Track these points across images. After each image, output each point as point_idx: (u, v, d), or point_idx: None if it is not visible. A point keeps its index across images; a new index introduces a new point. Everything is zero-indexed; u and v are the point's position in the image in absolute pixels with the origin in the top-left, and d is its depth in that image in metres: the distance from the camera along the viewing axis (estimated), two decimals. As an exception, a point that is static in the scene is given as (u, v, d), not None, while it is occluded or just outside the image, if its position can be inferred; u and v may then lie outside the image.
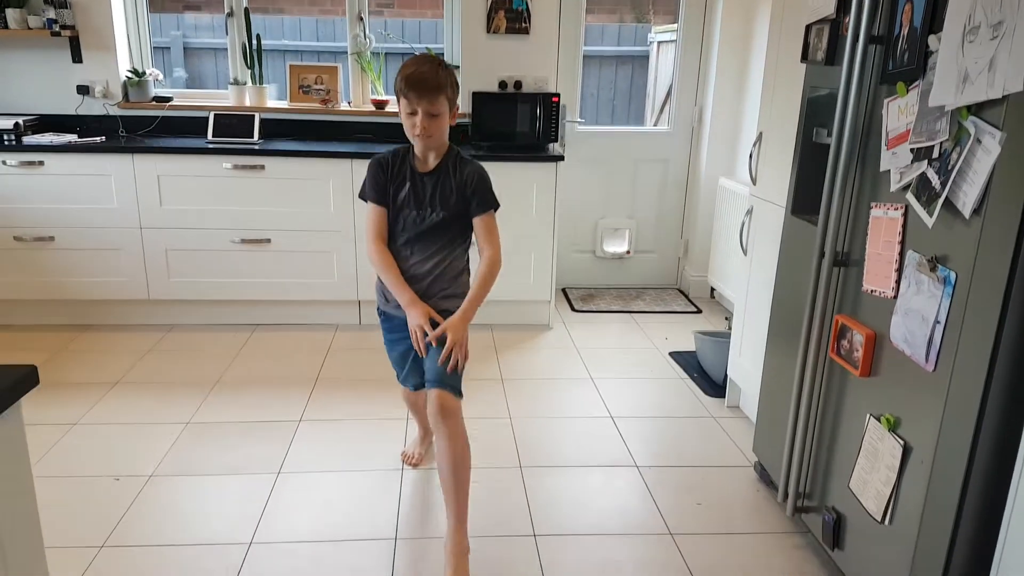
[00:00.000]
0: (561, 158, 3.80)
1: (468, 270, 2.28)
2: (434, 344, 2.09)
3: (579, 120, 4.59)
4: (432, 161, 2.14)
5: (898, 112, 1.76)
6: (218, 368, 3.40)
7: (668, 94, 4.78)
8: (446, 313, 2.14)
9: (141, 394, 3.13)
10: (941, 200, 1.60)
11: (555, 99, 3.95)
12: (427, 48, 4.17)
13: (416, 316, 2.11)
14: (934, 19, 1.64)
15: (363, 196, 2.21)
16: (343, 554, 2.16)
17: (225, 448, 2.72)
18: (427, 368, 2.13)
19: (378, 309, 2.36)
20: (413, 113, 2.02)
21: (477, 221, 2.16)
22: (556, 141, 4.02)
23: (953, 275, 1.58)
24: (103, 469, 2.55)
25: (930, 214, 1.64)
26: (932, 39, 1.64)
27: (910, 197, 1.72)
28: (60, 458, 2.62)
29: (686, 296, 4.68)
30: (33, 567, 1.20)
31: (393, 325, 2.32)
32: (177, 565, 2.09)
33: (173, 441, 2.75)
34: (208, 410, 3.00)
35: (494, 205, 2.17)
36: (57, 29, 3.90)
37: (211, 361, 3.48)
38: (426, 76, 1.99)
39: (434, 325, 2.10)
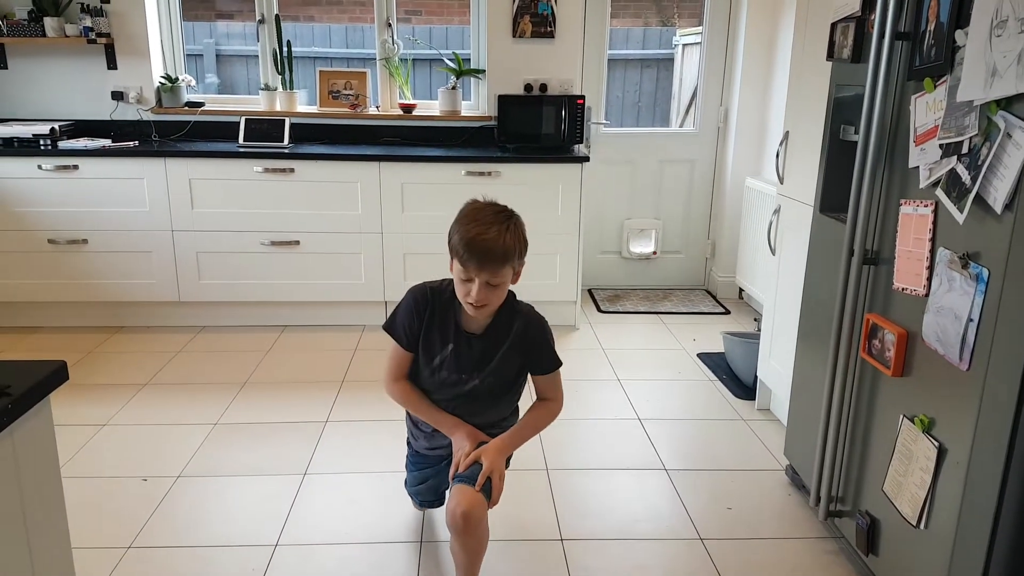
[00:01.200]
0: (586, 159, 3.79)
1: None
2: (463, 469, 1.82)
3: (604, 122, 4.57)
4: (483, 319, 1.85)
5: (926, 108, 1.72)
6: (246, 369, 3.44)
7: (693, 96, 4.74)
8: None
9: (170, 395, 3.17)
10: (972, 196, 1.56)
11: (580, 101, 3.94)
12: (454, 54, 4.19)
13: (463, 439, 1.85)
14: (960, 14, 1.61)
15: (390, 331, 1.90)
16: (369, 556, 2.17)
17: (252, 449, 2.74)
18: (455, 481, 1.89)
19: (408, 443, 2.15)
20: (469, 280, 1.73)
21: (539, 379, 1.93)
22: (581, 142, 4.01)
23: (986, 272, 1.54)
24: (131, 470, 2.59)
25: (961, 210, 1.60)
26: (959, 34, 1.60)
27: (940, 193, 1.68)
28: (89, 458, 2.66)
29: (714, 297, 4.63)
30: (60, 567, 1.21)
31: (426, 461, 2.09)
32: (204, 566, 2.11)
33: (201, 442, 2.78)
34: (236, 411, 3.03)
35: (557, 365, 1.91)
36: (93, 37, 3.98)
37: (240, 362, 3.52)
38: (491, 245, 1.68)
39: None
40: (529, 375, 1.96)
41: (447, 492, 2.04)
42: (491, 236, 1.68)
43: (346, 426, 2.92)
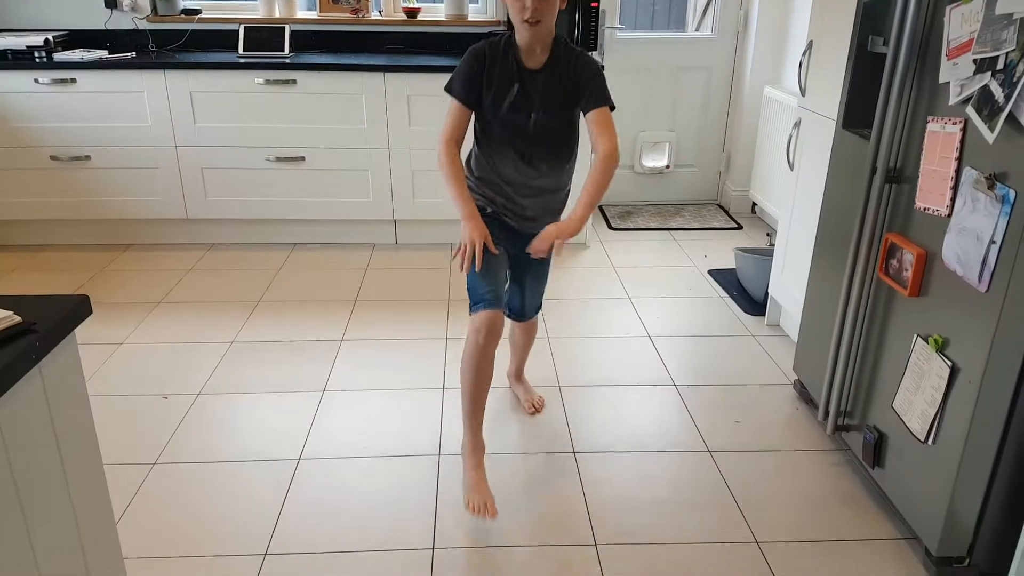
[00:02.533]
0: (601, 68, 3.67)
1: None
2: (544, 253, 1.92)
3: (619, 26, 4.41)
4: (540, 53, 1.95)
5: (961, 20, 1.65)
6: (259, 287, 3.46)
7: (711, -2, 4.56)
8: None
9: (184, 313, 3.20)
10: (1004, 114, 1.51)
11: (594, 4, 3.79)
12: (459, -46, 4.01)
13: (473, 230, 1.92)
14: (1008, -84, 1.52)
15: (449, 90, 1.99)
16: (389, 469, 2.23)
17: (270, 367, 2.78)
18: (510, 302, 2.25)
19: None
20: None
21: (591, 115, 1.96)
22: (595, 49, 3.88)
23: (1012, 193, 1.51)
24: (151, 388, 2.64)
25: (991, 129, 1.56)
26: (1005, -62, 1.52)
27: (970, 111, 1.63)
28: (109, 377, 2.71)
29: (726, 212, 4.59)
30: (94, 487, 1.25)
31: (498, 224, 2.08)
32: (229, 481, 2.17)
33: (219, 360, 2.82)
34: (251, 329, 3.06)
35: (610, 100, 1.98)
36: (82, -59, 3.81)
37: (252, 280, 3.53)
38: None
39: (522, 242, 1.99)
40: (584, 120, 1.99)
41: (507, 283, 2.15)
42: None
43: (361, 344, 2.95)
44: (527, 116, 1.97)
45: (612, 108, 1.98)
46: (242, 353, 2.87)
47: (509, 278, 2.21)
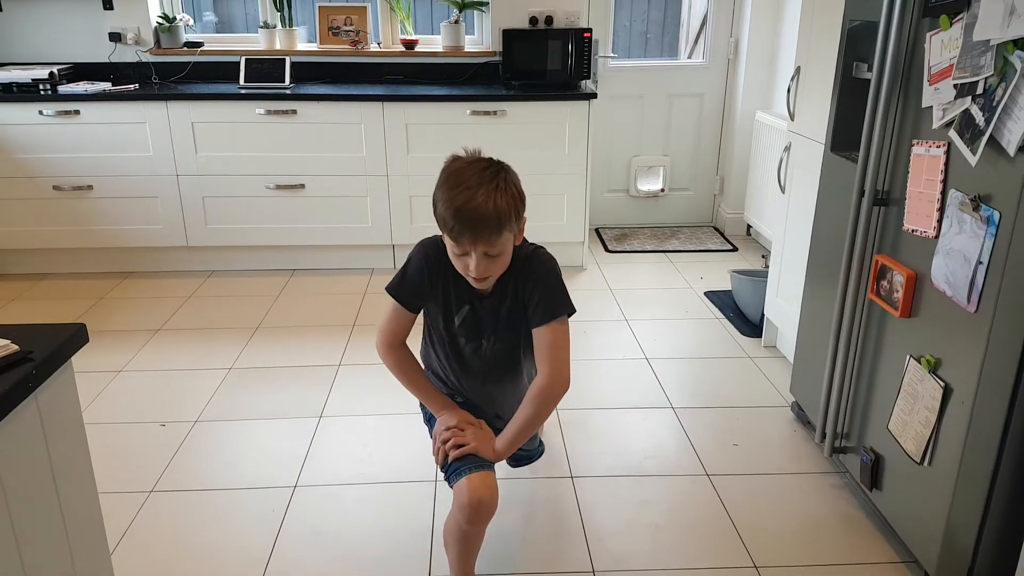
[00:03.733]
0: (594, 95, 3.73)
1: None
2: (439, 461, 1.71)
3: (611, 55, 4.48)
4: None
5: (941, 46, 1.68)
6: (258, 313, 3.48)
7: (703, 24, 4.62)
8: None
9: (183, 341, 3.22)
10: (985, 138, 1.54)
11: (587, 35, 3.85)
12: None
13: (450, 419, 1.72)
14: (982, -53, 1.56)
15: (394, 293, 1.72)
16: (386, 496, 2.23)
17: (267, 393, 2.79)
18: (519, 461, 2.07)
19: (422, 408, 1.91)
20: (465, 254, 1.55)
21: (536, 332, 1.65)
22: (588, 78, 3.94)
23: (996, 214, 1.53)
24: (149, 415, 2.65)
25: (973, 152, 1.58)
26: (979, -32, 1.56)
27: (953, 134, 1.66)
28: (107, 405, 2.72)
29: (722, 234, 4.62)
30: (88, 515, 1.26)
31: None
32: (225, 508, 2.18)
33: (216, 387, 2.83)
34: (250, 355, 3.07)
35: (562, 311, 1.65)
36: (85, -23, 3.89)
37: (251, 306, 3.55)
38: (482, 212, 1.47)
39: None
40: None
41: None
42: (480, 201, 1.47)
43: (359, 369, 2.96)
44: (478, 342, 1.73)
45: (569, 313, 1.67)
46: (240, 380, 2.88)
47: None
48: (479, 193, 1.47)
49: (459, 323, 1.72)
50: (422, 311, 1.77)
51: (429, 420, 1.87)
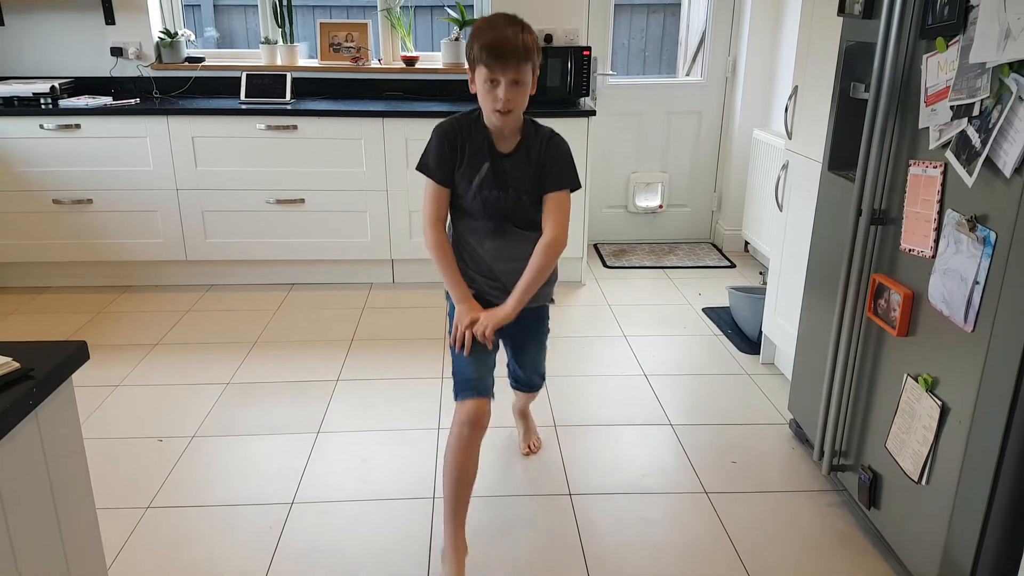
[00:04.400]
0: (593, 113, 3.75)
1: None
2: (457, 345, 1.95)
3: (610, 72, 4.51)
4: (511, 137, 1.90)
5: (937, 68, 1.70)
6: (256, 328, 3.48)
7: (701, 43, 4.66)
8: (528, 311, 2.01)
9: (181, 355, 3.22)
10: (981, 159, 1.55)
11: (586, 53, 3.88)
12: (457, 3, 4.12)
13: (466, 314, 1.94)
14: (977, -28, 1.58)
15: (424, 170, 1.94)
16: (383, 513, 2.23)
17: (265, 408, 2.79)
18: (522, 371, 2.30)
19: (446, 293, 2.07)
20: (494, 83, 1.77)
21: (547, 197, 1.91)
22: (587, 95, 3.96)
23: (993, 235, 1.54)
24: (147, 430, 2.64)
25: (970, 173, 1.60)
26: (974, -8, 1.58)
27: (949, 155, 1.67)
28: (104, 420, 2.71)
29: (719, 250, 4.63)
30: (86, 532, 1.26)
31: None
32: (222, 525, 2.17)
33: (214, 402, 2.83)
34: (248, 370, 3.07)
35: (572, 185, 1.92)
36: (88, -8, 3.91)
37: (249, 321, 3.55)
38: (511, 40, 1.74)
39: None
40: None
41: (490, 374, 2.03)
42: (510, 35, 1.75)
43: (357, 384, 2.96)
44: (498, 193, 1.91)
45: (575, 189, 1.93)
46: (238, 395, 2.88)
47: (509, 353, 2.26)
48: (508, 30, 1.76)
49: (480, 179, 1.90)
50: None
51: (451, 313, 2.08)
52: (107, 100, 3.83)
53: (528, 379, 2.33)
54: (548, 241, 1.91)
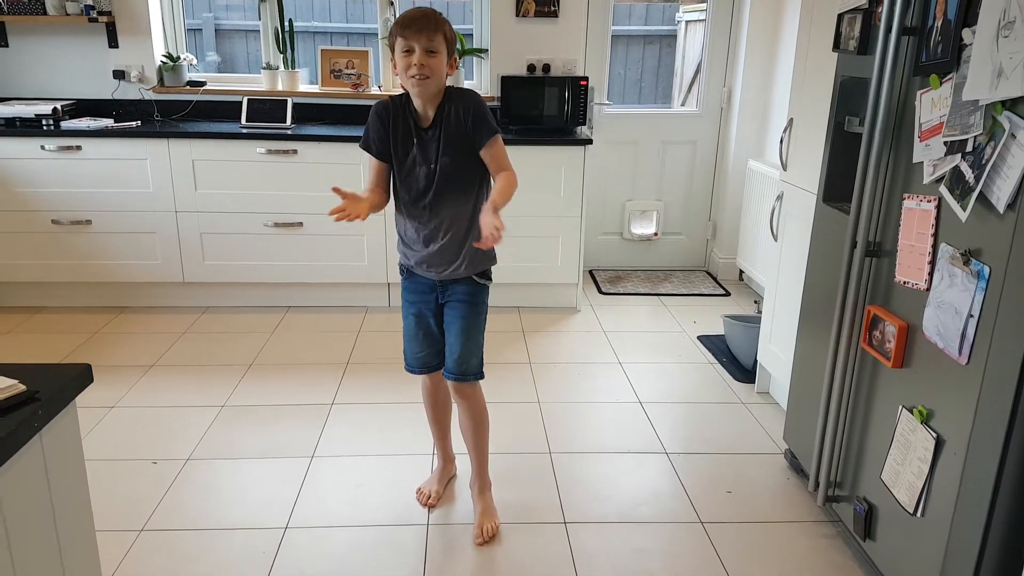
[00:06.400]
0: (589, 141, 3.80)
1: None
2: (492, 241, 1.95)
3: (607, 102, 4.57)
4: (430, 110, 2.02)
5: (931, 104, 1.74)
6: (252, 350, 3.48)
7: (696, 74, 4.73)
8: (456, 282, 2.15)
9: (177, 376, 3.21)
10: (975, 194, 1.58)
11: (583, 82, 3.93)
12: (456, 32, 4.17)
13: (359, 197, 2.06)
14: (968, 12, 1.62)
15: (365, 146, 2.12)
16: (377, 539, 2.22)
17: (260, 431, 2.78)
18: (447, 359, 2.22)
19: (400, 267, 2.26)
20: (409, 52, 1.92)
21: (483, 152, 2.04)
22: (584, 124, 4.01)
23: (987, 269, 1.57)
24: (141, 452, 2.63)
25: (963, 208, 1.63)
26: (966, 32, 1.61)
27: (943, 190, 1.70)
28: (99, 441, 2.70)
29: (714, 278, 4.66)
30: (85, 554, 1.25)
31: (415, 285, 2.21)
32: (215, 549, 2.16)
33: (209, 424, 2.82)
34: (243, 393, 3.07)
35: (497, 129, 2.06)
36: (94, 15, 3.96)
37: (245, 343, 3.55)
38: (424, 13, 1.95)
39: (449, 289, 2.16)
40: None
41: (441, 349, 2.25)
42: (424, 10, 1.96)
43: (352, 408, 2.96)
44: (427, 167, 2.04)
45: (497, 132, 2.06)
46: (232, 417, 2.87)
47: (443, 334, 2.25)
48: (420, 9, 1.97)
49: (413, 155, 2.05)
50: (390, 178, 2.13)
51: (401, 269, 2.28)
52: (108, 122, 3.85)
53: (454, 365, 2.21)
54: (507, 176, 2.04)
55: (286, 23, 4.16)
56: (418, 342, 2.26)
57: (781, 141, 2.83)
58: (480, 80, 4.35)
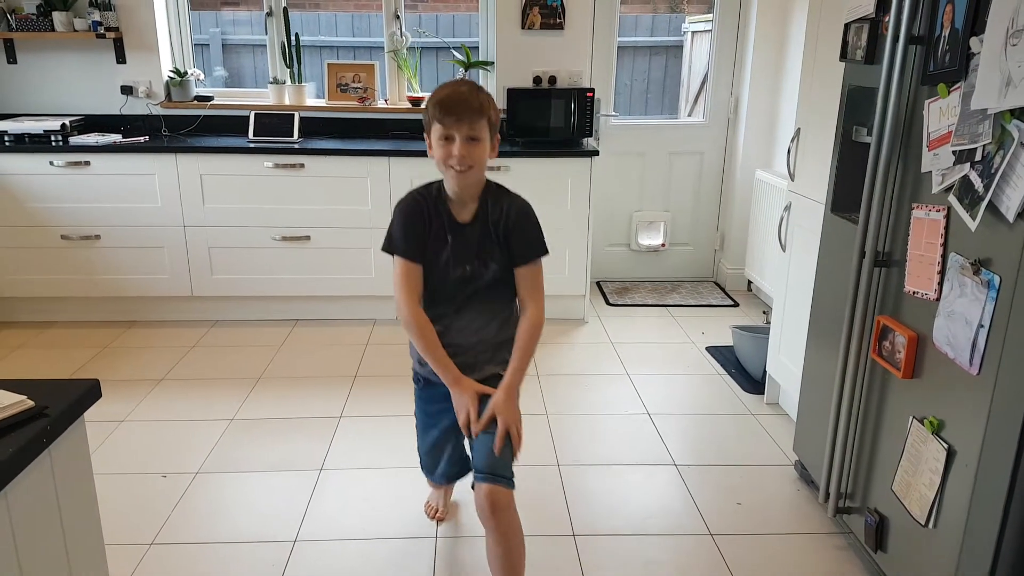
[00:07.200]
0: (596, 153, 3.80)
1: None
2: (476, 434, 1.81)
3: (613, 114, 4.57)
4: (471, 204, 1.83)
5: (939, 113, 1.73)
6: (260, 364, 3.48)
7: (703, 84, 4.74)
8: (488, 381, 1.88)
9: (186, 390, 3.21)
10: (984, 203, 1.58)
11: (589, 94, 3.94)
12: (462, 45, 4.20)
13: (463, 397, 1.83)
14: (976, 21, 1.61)
15: (391, 250, 1.85)
16: (386, 552, 2.21)
17: (269, 445, 2.78)
18: (475, 456, 1.82)
19: (415, 375, 2.03)
20: (449, 139, 1.72)
21: (519, 271, 1.85)
22: (591, 135, 4.02)
23: (997, 278, 1.56)
24: (151, 466, 2.63)
25: (973, 217, 1.62)
26: (974, 41, 1.61)
27: (952, 199, 1.70)
28: (108, 455, 2.70)
29: (722, 289, 4.65)
30: (94, 568, 1.25)
31: (434, 395, 1.97)
32: (225, 563, 2.15)
33: (218, 438, 2.82)
34: (252, 406, 3.07)
35: (541, 251, 1.85)
36: (102, 31, 3.99)
37: (253, 357, 3.56)
38: (465, 96, 1.72)
39: (483, 400, 1.84)
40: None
41: (468, 455, 1.95)
42: (464, 90, 1.73)
43: (360, 421, 2.96)
44: (462, 268, 1.84)
45: (544, 254, 1.87)
46: (241, 431, 2.87)
47: (468, 436, 1.90)
48: (462, 87, 1.75)
49: (447, 254, 1.84)
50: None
51: (416, 378, 2.04)
52: (117, 138, 3.88)
53: (484, 464, 1.80)
54: (532, 323, 1.84)
55: (293, 38, 4.19)
56: (446, 457, 2.02)
57: (789, 151, 2.83)
58: (486, 92, 4.36)
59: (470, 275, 1.85)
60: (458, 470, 2.06)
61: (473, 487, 1.83)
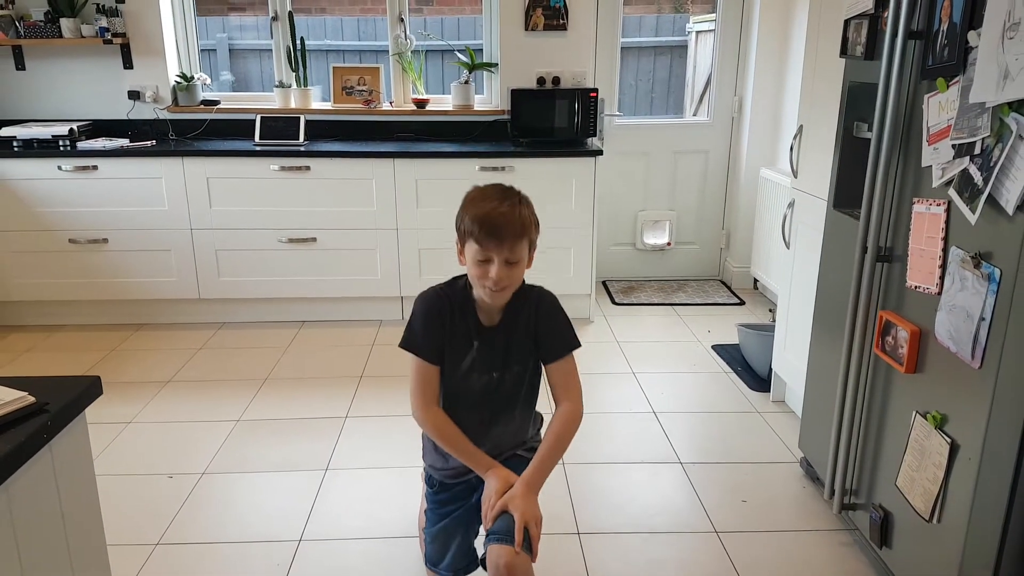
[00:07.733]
0: (600, 152, 3.80)
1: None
2: (486, 529, 1.65)
3: (617, 113, 4.58)
4: (499, 311, 1.73)
5: (938, 108, 1.73)
6: (267, 365, 3.50)
7: (707, 84, 4.73)
8: (512, 462, 1.75)
9: (193, 392, 3.23)
10: (984, 196, 1.57)
11: (593, 94, 3.95)
12: (467, 48, 4.21)
13: (494, 481, 1.66)
14: (974, 15, 1.61)
15: (411, 347, 1.71)
16: (391, 551, 2.22)
17: (275, 445, 2.80)
18: (498, 525, 1.64)
19: (428, 478, 1.90)
20: (486, 261, 1.61)
21: (552, 367, 1.74)
22: (595, 135, 4.02)
23: (998, 272, 1.55)
24: (157, 467, 2.65)
25: (973, 210, 1.61)
26: (972, 35, 1.61)
27: (952, 193, 1.69)
28: (115, 456, 2.72)
29: (728, 287, 4.64)
30: (97, 567, 1.26)
31: (451, 495, 1.83)
32: (230, 562, 2.17)
33: (224, 438, 2.84)
34: (258, 407, 3.08)
35: (574, 344, 1.75)
36: (109, 37, 4.02)
37: (260, 358, 3.58)
38: (507, 218, 1.58)
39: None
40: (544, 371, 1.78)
41: (479, 550, 1.77)
42: (505, 210, 1.59)
43: (365, 421, 2.97)
44: (488, 376, 1.74)
45: (577, 347, 1.76)
46: (247, 431, 2.89)
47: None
48: (504, 204, 1.61)
49: (471, 361, 1.73)
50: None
51: (429, 479, 1.91)
52: (124, 142, 3.91)
53: (494, 528, 1.64)
54: (569, 415, 1.72)
55: (298, 41, 4.21)
56: (455, 546, 1.80)
57: (791, 148, 2.83)
58: (490, 93, 4.38)
59: (496, 384, 1.74)
60: (466, 564, 1.81)
61: (483, 558, 1.64)
